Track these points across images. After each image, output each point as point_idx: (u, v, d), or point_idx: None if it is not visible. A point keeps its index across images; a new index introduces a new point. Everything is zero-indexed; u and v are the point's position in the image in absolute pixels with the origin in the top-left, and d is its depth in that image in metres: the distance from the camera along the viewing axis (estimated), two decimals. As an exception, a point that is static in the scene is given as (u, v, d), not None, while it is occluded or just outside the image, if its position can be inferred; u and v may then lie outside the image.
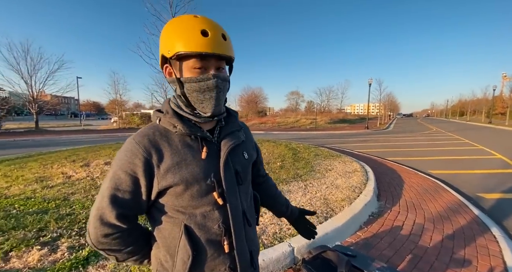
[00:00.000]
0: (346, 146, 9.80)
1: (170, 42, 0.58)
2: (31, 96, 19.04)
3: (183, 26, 0.58)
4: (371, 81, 21.70)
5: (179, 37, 0.57)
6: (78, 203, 2.77)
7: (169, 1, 6.63)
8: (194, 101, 0.63)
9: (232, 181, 0.68)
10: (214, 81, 0.60)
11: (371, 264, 1.92)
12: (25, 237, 1.98)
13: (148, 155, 0.60)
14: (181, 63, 0.61)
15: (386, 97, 37.79)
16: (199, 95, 0.62)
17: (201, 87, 0.61)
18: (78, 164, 4.70)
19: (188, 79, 0.61)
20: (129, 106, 32.44)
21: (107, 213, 0.60)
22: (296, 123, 29.75)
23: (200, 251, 0.65)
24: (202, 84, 0.60)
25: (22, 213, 2.45)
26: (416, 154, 7.84)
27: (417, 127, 24.85)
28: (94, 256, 1.81)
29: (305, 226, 1.02)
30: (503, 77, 42.76)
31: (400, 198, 3.52)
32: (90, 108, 71.29)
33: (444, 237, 2.43)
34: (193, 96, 0.62)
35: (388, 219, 2.83)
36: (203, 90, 0.61)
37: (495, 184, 4.42)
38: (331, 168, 4.84)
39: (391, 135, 15.26)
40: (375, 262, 2.02)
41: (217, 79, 0.60)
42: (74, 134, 15.84)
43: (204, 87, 0.60)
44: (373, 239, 2.39)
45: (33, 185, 3.43)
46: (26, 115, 30.19)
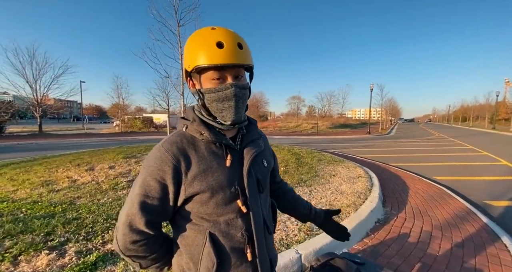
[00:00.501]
0: (349, 151, 9.77)
1: (189, 56, 0.61)
2: (35, 100, 19.24)
3: (200, 40, 0.60)
4: (372, 86, 21.80)
5: (196, 51, 0.59)
6: (84, 208, 2.77)
7: (174, 8, 6.77)
8: (214, 111, 0.65)
9: (255, 189, 0.69)
10: (232, 90, 0.61)
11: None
12: (33, 241, 1.99)
13: (177, 162, 0.62)
14: (200, 75, 0.63)
15: (388, 102, 37.83)
16: (219, 104, 0.63)
17: (220, 97, 0.62)
18: (82, 168, 4.71)
19: (207, 90, 0.63)
20: (131, 110, 32.59)
21: (136, 219, 0.61)
22: (298, 127, 29.78)
23: (224, 259, 0.65)
24: (221, 93, 0.62)
25: (30, 217, 2.45)
26: (420, 159, 7.80)
27: (419, 132, 24.77)
28: (102, 261, 1.81)
29: (335, 228, 0.98)
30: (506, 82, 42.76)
31: (406, 204, 3.49)
32: (93, 112, 71.87)
33: (453, 245, 2.40)
34: (213, 106, 0.64)
35: (394, 226, 2.81)
36: (222, 100, 0.62)
37: (502, 191, 4.37)
38: (335, 173, 4.83)
39: (394, 140, 15.21)
40: (384, 270, 2.00)
41: (235, 88, 0.61)
42: (77, 138, 15.92)
43: (222, 96, 0.62)
44: (380, 246, 2.37)
45: (39, 189, 3.44)
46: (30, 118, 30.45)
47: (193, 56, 0.60)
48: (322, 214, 0.97)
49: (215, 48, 0.57)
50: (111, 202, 3.01)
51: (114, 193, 3.37)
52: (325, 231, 0.98)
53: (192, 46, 0.60)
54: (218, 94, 0.62)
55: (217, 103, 0.63)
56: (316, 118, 31.07)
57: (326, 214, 0.97)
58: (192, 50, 0.60)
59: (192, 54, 0.60)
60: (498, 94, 28.53)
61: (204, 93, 0.63)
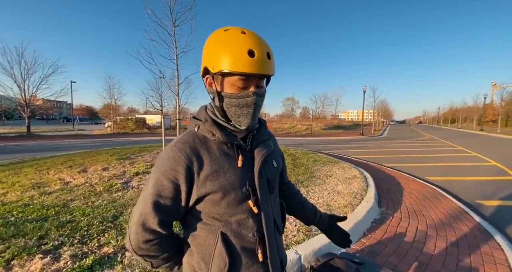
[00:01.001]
0: (343, 152, 9.89)
1: (216, 58, 0.59)
2: (24, 100, 18.67)
3: (230, 43, 0.57)
4: (365, 88, 22.16)
5: (225, 54, 0.57)
6: (78, 210, 2.70)
7: (169, 8, 6.71)
8: (231, 115, 0.65)
9: (265, 189, 0.69)
10: (253, 98, 0.62)
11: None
12: (26, 245, 1.92)
13: (190, 162, 0.62)
14: (224, 78, 0.62)
15: (380, 104, 38.55)
16: (237, 110, 0.63)
17: (240, 103, 0.62)
18: (75, 170, 4.60)
19: (228, 95, 0.62)
20: (123, 110, 32.05)
21: (149, 219, 0.61)
22: (292, 129, 29.95)
23: (235, 259, 0.65)
24: (242, 100, 0.62)
25: (21, 221, 2.37)
26: (412, 160, 7.96)
27: (411, 133, 25.32)
28: (98, 265, 1.76)
29: (338, 234, 0.97)
30: (493, 85, 44.27)
31: (401, 204, 3.56)
32: (83, 112, 70.31)
33: (448, 244, 2.45)
34: (231, 111, 0.64)
35: (391, 225, 2.85)
36: (241, 106, 0.63)
37: (493, 191, 4.50)
38: (330, 174, 4.87)
39: (386, 141, 15.49)
40: (383, 270, 2.02)
41: (256, 96, 0.62)
42: (67, 139, 15.52)
43: (243, 103, 0.62)
44: (378, 246, 2.40)
45: (30, 192, 3.34)
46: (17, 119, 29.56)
47: (220, 59, 0.58)
48: (327, 219, 0.96)
49: (246, 56, 0.56)
50: (106, 204, 2.94)
51: (109, 195, 3.30)
52: (327, 236, 0.97)
53: (221, 48, 0.58)
54: (239, 101, 0.62)
55: (236, 109, 0.63)
56: (310, 120, 31.37)
57: (330, 219, 0.96)
58: (220, 53, 0.58)
59: (218, 56, 0.58)
60: (485, 97, 29.47)
61: (225, 97, 0.63)
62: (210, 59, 0.60)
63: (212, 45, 0.60)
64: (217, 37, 0.60)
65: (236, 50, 0.56)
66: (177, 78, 6.96)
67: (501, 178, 5.46)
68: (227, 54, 0.57)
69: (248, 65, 0.57)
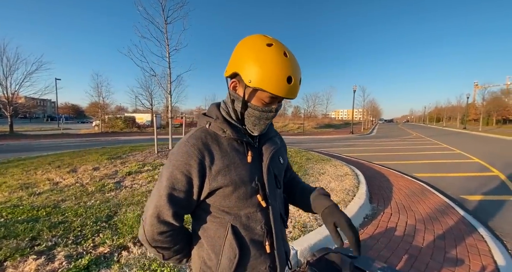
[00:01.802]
0: (334, 150, 10.08)
1: (256, 73, 0.59)
2: (6, 98, 17.83)
3: (274, 66, 0.58)
4: (355, 88, 22.57)
5: (268, 77, 0.58)
6: (70, 211, 2.64)
7: (161, 5, 6.60)
8: (247, 122, 0.69)
9: (273, 184, 0.73)
10: (273, 114, 0.68)
11: (372, 265, 1.98)
12: (18, 246, 1.87)
13: (202, 157, 0.64)
14: (255, 92, 0.64)
15: (369, 103, 39.37)
16: (256, 120, 0.68)
17: (262, 116, 0.67)
18: (64, 170, 4.47)
19: (254, 106, 0.66)
20: (112, 109, 31.20)
21: (164, 211, 0.63)
22: (284, 128, 30.12)
23: (244, 251, 0.68)
24: (264, 114, 0.67)
25: (11, 222, 2.30)
26: (401, 158, 8.23)
27: (399, 132, 26.07)
28: (95, 265, 1.75)
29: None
30: (475, 85, 46.10)
31: (391, 200, 3.69)
32: (69, 111, 67.90)
33: (435, 237, 2.58)
34: (250, 120, 0.68)
35: (382, 221, 2.96)
36: (261, 118, 0.68)
37: (476, 186, 4.73)
38: (323, 171, 4.97)
39: (376, 140, 15.89)
40: (376, 263, 2.10)
41: (276, 112, 0.67)
42: (53, 139, 14.96)
43: (263, 116, 0.67)
44: (370, 240, 2.49)
45: (19, 192, 3.23)
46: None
47: (261, 77, 0.59)
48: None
49: (285, 82, 0.59)
50: (99, 204, 2.89)
51: (102, 195, 3.24)
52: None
53: (263, 66, 0.58)
54: (262, 114, 0.66)
55: (255, 119, 0.68)
56: (302, 119, 31.67)
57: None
58: (262, 71, 0.58)
59: (260, 73, 0.59)
60: (468, 96, 30.66)
61: (249, 107, 0.66)
62: (246, 69, 0.61)
63: (252, 57, 0.60)
64: (259, 51, 0.60)
65: (278, 74, 0.59)
66: (169, 76, 6.87)
67: (483, 174, 5.75)
68: (269, 76, 0.58)
69: (284, 91, 0.60)
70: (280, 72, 0.59)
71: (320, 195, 0.82)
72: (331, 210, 0.75)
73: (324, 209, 0.76)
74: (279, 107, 0.68)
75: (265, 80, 0.59)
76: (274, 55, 0.60)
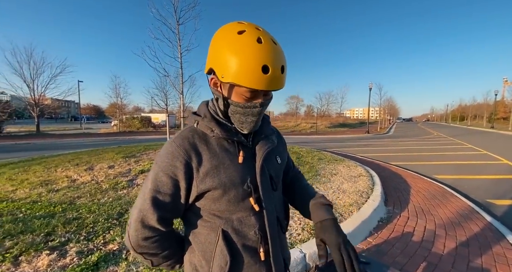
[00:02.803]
0: (348, 150, 9.78)
1: (227, 66, 0.53)
2: (33, 100, 19.09)
3: (245, 54, 0.51)
4: (371, 86, 21.83)
5: (238, 67, 0.51)
6: (84, 207, 2.74)
7: (173, 7, 6.72)
8: (234, 120, 0.63)
9: (268, 186, 0.67)
10: (260, 109, 0.60)
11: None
12: (33, 242, 1.95)
13: (189, 158, 0.60)
14: (232, 87, 0.58)
15: (386, 101, 37.95)
16: (241, 117, 0.62)
17: (246, 112, 0.60)
18: (82, 167, 4.67)
19: (235, 103, 0.60)
20: (129, 109, 32.46)
21: (149, 215, 0.59)
22: (297, 127, 29.80)
23: (236, 258, 0.63)
24: (248, 110, 0.60)
25: (29, 217, 2.41)
26: (420, 158, 7.81)
27: (418, 131, 24.88)
28: (103, 262, 1.78)
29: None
30: (504, 81, 42.96)
31: (408, 203, 3.48)
32: (90, 111, 71.51)
33: (458, 244, 2.38)
34: (235, 117, 0.62)
35: (398, 225, 2.79)
36: (246, 115, 0.61)
37: (504, 190, 4.35)
38: (335, 172, 4.82)
39: (393, 139, 15.26)
40: (390, 270, 1.99)
41: (262, 107, 0.60)
42: (75, 138, 15.81)
43: (249, 112, 0.60)
44: (384, 245, 2.35)
45: (39, 189, 3.40)
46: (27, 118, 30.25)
47: (231, 69, 0.52)
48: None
49: (260, 72, 0.51)
50: (111, 201, 2.97)
51: (115, 192, 3.33)
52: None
53: (232, 56, 0.52)
54: (245, 110, 0.60)
55: (241, 116, 0.61)
56: (315, 118, 31.15)
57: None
58: (232, 62, 0.52)
59: (231, 65, 0.52)
60: (496, 93, 28.65)
61: (231, 104, 0.60)
62: (218, 63, 0.55)
63: (223, 49, 0.54)
64: (229, 40, 0.53)
65: (250, 64, 0.51)
66: (181, 76, 6.98)
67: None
68: (239, 66, 0.51)
69: (260, 82, 0.52)
70: (252, 62, 0.51)
71: (320, 205, 0.73)
72: (324, 225, 0.66)
73: (318, 223, 0.68)
74: (267, 101, 0.61)
75: (237, 73, 0.52)
76: (245, 42, 0.52)
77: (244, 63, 0.51)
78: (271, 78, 0.53)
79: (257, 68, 0.51)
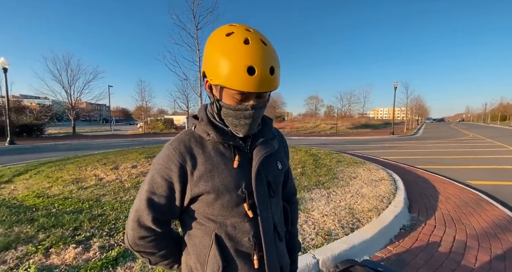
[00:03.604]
0: (370, 152, 9.32)
1: (214, 69, 0.54)
2: (70, 104, 20.96)
3: (230, 56, 0.51)
4: (396, 84, 20.60)
5: (224, 69, 0.52)
6: (108, 205, 2.93)
7: (192, 12, 6.97)
8: (228, 123, 0.63)
9: (264, 193, 0.66)
10: (252, 112, 0.58)
11: (406, 284, 1.75)
12: (62, 235, 2.13)
13: (183, 161, 0.61)
14: (222, 90, 0.58)
15: (414, 100, 35.51)
16: (234, 120, 0.61)
17: (238, 115, 0.59)
18: (108, 167, 5.00)
19: (226, 106, 0.59)
20: (154, 112, 34.22)
21: (144, 215, 0.61)
22: (316, 128, 29.10)
23: (229, 263, 0.63)
24: (239, 113, 0.59)
25: (61, 212, 2.64)
26: (451, 162, 7.20)
27: (451, 132, 22.97)
28: (122, 257, 1.88)
29: None
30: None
31: (436, 210, 3.22)
32: (119, 114, 76.42)
33: (492, 257, 2.15)
34: (229, 120, 0.62)
35: (422, 233, 2.60)
36: (239, 117, 0.60)
37: (552, 199, 3.85)
38: (355, 175, 4.62)
39: (421, 141, 14.25)
40: (411, 282, 1.85)
41: (255, 110, 0.58)
42: (105, 139, 17.01)
43: (240, 115, 0.59)
44: (406, 255, 2.20)
45: (70, 186, 3.70)
46: (65, 121, 33.32)
47: (218, 72, 0.53)
48: None
49: (244, 74, 0.51)
50: (132, 200, 3.14)
51: (136, 191, 3.52)
52: None
53: (219, 59, 0.52)
54: (237, 113, 0.59)
55: (233, 119, 0.61)
56: (335, 118, 30.18)
57: None
58: (219, 64, 0.52)
59: (217, 68, 0.53)
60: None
61: (223, 106, 0.61)
62: (208, 66, 0.56)
63: (211, 51, 0.55)
64: (218, 43, 0.54)
65: (235, 65, 0.51)
66: (200, 79, 7.21)
67: None
68: (225, 68, 0.52)
69: (246, 84, 0.52)
70: (237, 63, 0.51)
71: None
72: None
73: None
74: (261, 103, 0.59)
75: (223, 75, 0.52)
76: (231, 44, 0.52)
77: (229, 65, 0.51)
78: (257, 80, 0.52)
79: (242, 69, 0.51)
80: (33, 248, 1.92)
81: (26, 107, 21.57)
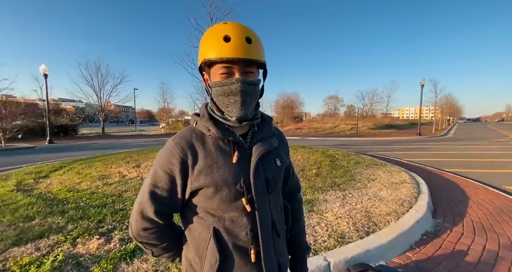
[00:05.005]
0: (393, 154, 8.83)
1: (200, 50, 0.64)
2: (100, 106, 22.60)
3: (210, 34, 0.62)
4: (423, 82, 19.29)
5: (205, 45, 0.62)
6: (129, 200, 3.11)
7: (209, 15, 7.15)
8: (220, 105, 0.66)
9: (262, 188, 0.67)
10: (238, 85, 0.60)
11: (425, 293, 1.65)
12: (88, 227, 2.31)
13: (184, 156, 0.64)
14: (210, 69, 0.65)
15: (444, 99, 32.98)
16: (224, 99, 0.64)
17: (225, 91, 0.62)
18: (131, 165, 5.31)
19: (214, 84, 0.64)
20: (175, 113, 35.66)
21: (147, 208, 0.64)
22: (335, 128, 28.27)
23: (227, 257, 0.64)
24: (226, 88, 0.62)
25: (87, 206, 2.87)
26: (486, 165, 6.59)
27: (487, 133, 21.02)
28: (139, 250, 1.99)
29: None
30: None
31: (464, 217, 2.98)
32: (144, 115, 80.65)
33: (528, 270, 1.94)
34: (219, 100, 0.65)
35: (447, 241, 2.42)
36: (227, 94, 0.62)
37: None
38: (374, 178, 4.42)
39: (451, 143, 13.22)
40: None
41: (241, 83, 0.61)
42: (130, 139, 18.08)
43: (228, 91, 0.62)
44: (428, 262, 2.06)
45: (97, 182, 4.00)
46: (96, 122, 36.05)
47: (202, 50, 0.63)
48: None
49: (221, 41, 0.58)
50: (151, 196, 3.31)
51: (155, 188, 3.70)
52: None
53: (202, 41, 0.63)
54: (224, 88, 0.62)
55: (223, 98, 0.64)
56: (355, 118, 29.06)
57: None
58: (202, 44, 0.63)
59: (201, 48, 0.63)
60: None
61: (212, 86, 0.64)
62: (199, 56, 0.65)
63: (200, 42, 0.65)
64: (204, 34, 0.64)
65: (213, 38, 0.60)
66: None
67: None
68: (206, 44, 0.62)
69: (224, 50, 0.58)
70: (214, 36, 0.60)
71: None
72: None
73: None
74: (248, 79, 0.63)
75: (205, 49, 0.62)
76: (212, 27, 0.63)
77: (209, 39, 0.61)
78: (233, 46, 0.58)
79: (219, 38, 0.59)
80: (62, 238, 2.11)
81: (63, 109, 23.67)
